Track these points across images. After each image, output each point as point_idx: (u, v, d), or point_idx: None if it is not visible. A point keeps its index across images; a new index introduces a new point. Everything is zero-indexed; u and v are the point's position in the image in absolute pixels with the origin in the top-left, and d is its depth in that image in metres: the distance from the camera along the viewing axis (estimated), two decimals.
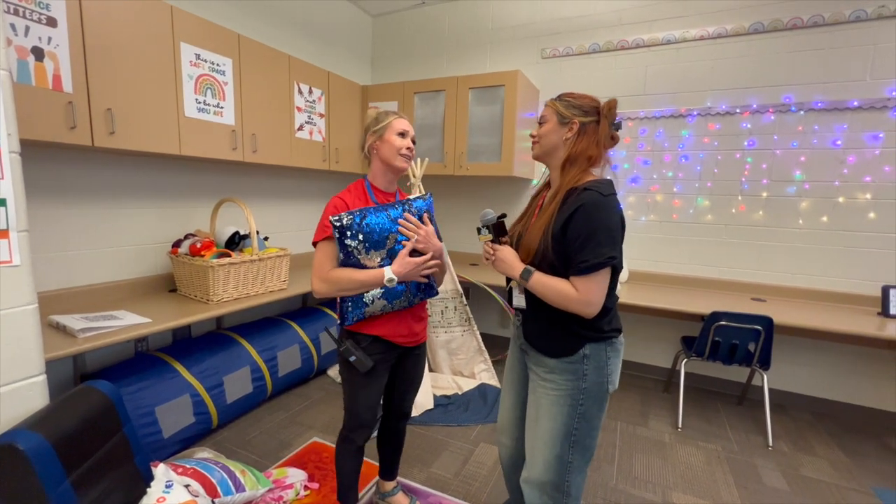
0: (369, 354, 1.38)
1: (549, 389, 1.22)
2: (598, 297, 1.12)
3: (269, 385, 2.48)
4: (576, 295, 1.11)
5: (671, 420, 2.54)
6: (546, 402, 1.23)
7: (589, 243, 1.09)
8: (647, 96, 2.96)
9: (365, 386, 1.42)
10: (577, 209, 1.11)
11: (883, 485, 2.03)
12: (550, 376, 1.22)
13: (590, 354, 1.18)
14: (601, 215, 1.10)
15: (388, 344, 1.41)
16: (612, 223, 1.11)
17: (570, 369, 1.19)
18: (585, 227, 1.09)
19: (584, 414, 1.20)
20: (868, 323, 2.25)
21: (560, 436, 1.22)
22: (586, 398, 1.20)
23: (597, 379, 1.19)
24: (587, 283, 1.10)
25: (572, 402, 1.20)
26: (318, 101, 2.92)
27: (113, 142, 1.79)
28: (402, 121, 1.41)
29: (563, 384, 1.20)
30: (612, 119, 1.20)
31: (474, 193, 3.62)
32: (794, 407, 2.76)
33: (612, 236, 1.11)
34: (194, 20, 2.07)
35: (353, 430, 1.47)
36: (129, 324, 1.75)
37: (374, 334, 1.39)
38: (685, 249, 2.97)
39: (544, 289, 1.16)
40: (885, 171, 2.45)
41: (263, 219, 3.00)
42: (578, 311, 1.13)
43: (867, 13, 2.40)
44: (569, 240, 1.12)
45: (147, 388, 1.88)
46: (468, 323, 2.86)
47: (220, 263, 2.08)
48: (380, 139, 1.39)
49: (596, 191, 1.12)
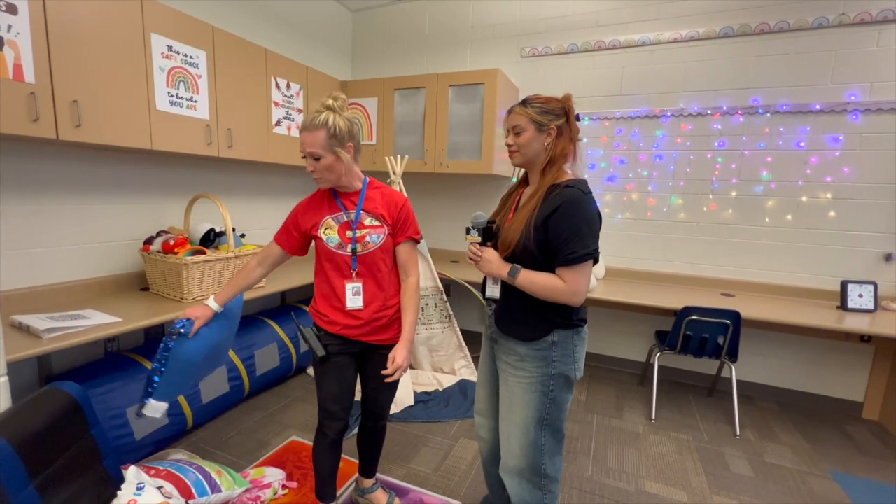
0: (326, 344, 1.42)
1: (521, 378, 1.28)
2: (584, 287, 1.18)
3: (246, 384, 2.45)
4: (564, 286, 1.17)
5: (645, 412, 2.62)
6: (518, 390, 1.29)
7: (575, 236, 1.15)
8: (623, 97, 3.03)
9: (326, 375, 1.45)
10: (561, 205, 1.17)
11: (841, 469, 2.14)
12: (521, 364, 1.28)
13: (558, 342, 1.24)
14: (584, 211, 1.17)
15: (346, 339, 1.44)
16: (593, 218, 1.19)
17: (540, 356, 1.25)
18: (571, 222, 1.16)
19: (554, 399, 1.27)
20: (828, 316, 2.36)
21: (533, 421, 1.28)
22: (555, 384, 1.26)
23: (564, 366, 1.25)
24: (575, 275, 1.17)
25: (543, 388, 1.26)
26: (297, 97, 2.88)
27: (79, 135, 1.73)
28: (302, 134, 1.32)
29: (534, 371, 1.26)
30: (574, 113, 1.26)
31: (455, 191, 3.64)
32: (761, 397, 2.88)
33: (593, 230, 1.18)
34: (166, 10, 2.01)
35: (323, 420, 1.49)
36: (98, 323, 1.69)
37: (332, 332, 1.44)
38: (659, 246, 3.06)
39: (532, 284, 1.21)
40: (845, 171, 2.58)
41: (240, 215, 2.95)
42: (566, 301, 1.19)
43: (829, 20, 2.51)
44: (552, 234, 1.17)
45: (117, 390, 1.83)
46: (448, 320, 2.88)
47: (194, 261, 2.03)
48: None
49: (577, 188, 1.20)
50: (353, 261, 1.39)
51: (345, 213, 1.41)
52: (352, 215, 1.40)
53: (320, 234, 1.40)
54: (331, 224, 1.40)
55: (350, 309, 1.41)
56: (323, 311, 1.44)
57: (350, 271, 1.40)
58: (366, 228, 1.40)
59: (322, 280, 1.45)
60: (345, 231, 1.39)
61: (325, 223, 1.39)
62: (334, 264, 1.41)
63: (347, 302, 1.40)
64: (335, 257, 1.40)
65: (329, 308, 1.44)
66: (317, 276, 1.48)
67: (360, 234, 1.39)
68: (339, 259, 1.40)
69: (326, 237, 1.39)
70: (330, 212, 1.40)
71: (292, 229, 1.45)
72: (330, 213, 1.40)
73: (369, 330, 1.44)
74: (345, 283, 1.40)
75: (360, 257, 1.40)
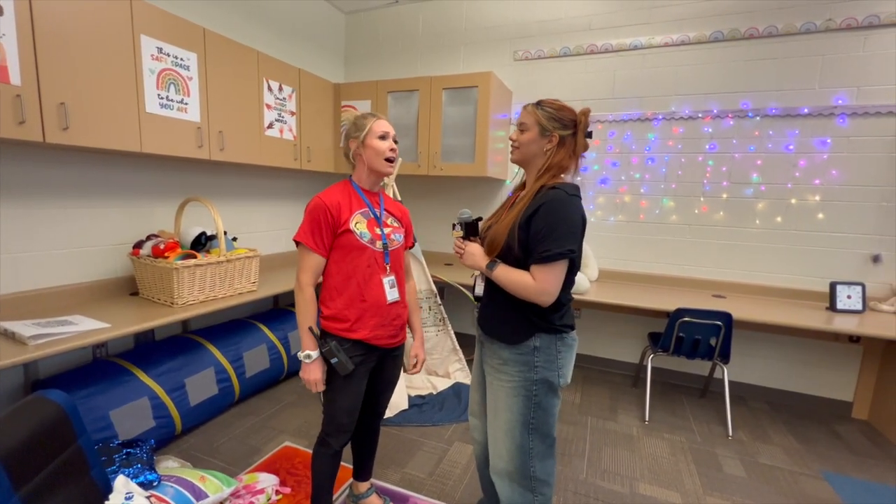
0: (350, 357, 1.36)
1: (504, 382, 1.28)
2: (553, 287, 1.17)
3: (236, 387, 2.42)
4: (533, 284, 1.17)
5: (639, 414, 2.63)
6: (502, 394, 1.29)
7: (550, 235, 1.15)
8: (615, 100, 3.05)
9: (344, 389, 1.41)
10: (542, 205, 1.17)
11: (832, 469, 2.16)
12: (504, 368, 1.28)
13: (540, 346, 1.24)
14: (564, 211, 1.17)
15: (371, 347, 1.41)
16: (574, 219, 1.18)
17: (522, 360, 1.25)
18: (548, 220, 1.16)
19: (539, 403, 1.26)
20: (817, 317, 2.39)
21: (518, 425, 1.27)
22: (539, 389, 1.25)
23: (548, 372, 1.24)
24: (545, 273, 1.16)
25: (527, 392, 1.25)
26: (289, 99, 2.86)
27: (67, 138, 1.70)
28: (382, 122, 1.40)
29: (517, 375, 1.26)
30: (586, 130, 1.26)
31: (449, 193, 3.63)
32: (753, 398, 2.91)
33: (572, 231, 1.17)
34: (156, 12, 1.99)
35: (331, 434, 1.46)
36: (85, 329, 1.66)
37: (357, 338, 1.38)
38: (651, 248, 3.08)
39: (506, 280, 1.22)
40: (833, 174, 2.62)
41: (232, 219, 2.92)
42: (535, 299, 1.18)
43: (816, 25, 2.55)
44: (531, 232, 1.18)
45: (100, 393, 1.80)
46: (443, 323, 2.87)
47: (184, 265, 2.01)
48: (362, 145, 1.39)
49: (562, 190, 1.19)
50: (386, 255, 1.41)
51: (371, 209, 1.42)
52: (377, 212, 1.43)
53: (352, 227, 1.35)
54: (360, 219, 1.38)
55: (391, 302, 1.41)
56: (347, 317, 1.36)
57: (385, 265, 1.41)
58: (389, 227, 1.45)
59: (345, 280, 1.36)
60: (373, 227, 1.40)
61: (355, 218, 1.37)
62: (367, 259, 1.37)
63: (387, 295, 1.40)
64: (367, 252, 1.37)
65: (356, 311, 1.36)
66: (335, 279, 1.37)
67: (387, 230, 1.43)
68: (371, 254, 1.38)
69: (359, 231, 1.36)
70: (358, 207, 1.40)
71: (325, 229, 1.33)
72: (359, 208, 1.40)
73: (399, 327, 1.47)
74: (381, 276, 1.40)
75: (391, 252, 1.43)
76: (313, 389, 1.38)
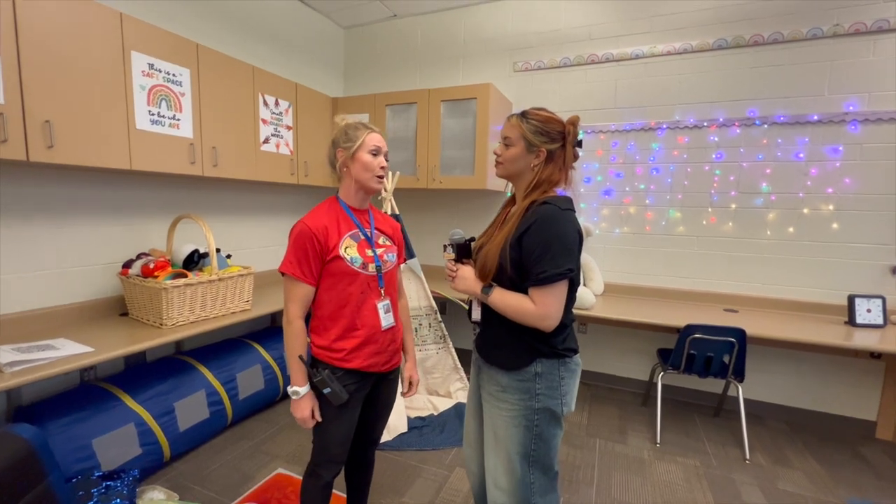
0: (344, 385, 1.27)
1: (503, 410, 1.19)
2: (555, 310, 1.09)
3: (228, 410, 2.33)
4: (533, 308, 1.09)
5: (649, 435, 2.50)
6: (501, 423, 1.20)
7: (546, 254, 1.07)
8: (617, 109, 2.99)
9: (337, 419, 1.32)
10: (535, 222, 1.10)
11: (857, 496, 2.02)
12: (503, 395, 1.19)
13: (542, 373, 1.15)
14: (557, 227, 1.09)
15: (366, 374, 1.33)
16: (568, 236, 1.10)
17: (522, 388, 1.16)
18: (541, 239, 1.08)
19: (540, 434, 1.17)
20: (836, 332, 2.27)
21: (518, 457, 1.18)
22: (540, 419, 1.16)
23: (550, 400, 1.15)
24: (545, 296, 1.08)
25: (527, 422, 1.16)
26: (286, 114, 2.83)
27: (52, 156, 1.66)
28: (375, 136, 1.32)
29: (517, 404, 1.17)
30: (575, 140, 1.18)
31: (448, 207, 3.57)
32: (770, 417, 2.77)
33: (568, 248, 1.09)
34: (147, 28, 1.96)
35: (322, 465, 1.36)
36: (67, 354, 1.59)
37: (351, 367, 1.29)
38: (658, 261, 2.98)
39: (504, 305, 1.14)
40: (846, 183, 2.52)
41: (227, 235, 2.87)
42: (536, 324, 1.10)
43: (823, 31, 2.48)
44: (525, 252, 1.10)
45: (83, 421, 1.72)
46: (443, 340, 2.77)
47: (174, 285, 1.94)
48: (351, 158, 1.31)
49: (554, 205, 1.12)
50: (379, 279, 1.33)
51: (361, 230, 1.34)
52: (368, 232, 1.35)
53: (342, 253, 1.26)
54: (350, 243, 1.30)
55: (386, 328, 1.34)
56: (341, 347, 1.28)
57: (378, 289, 1.33)
58: (381, 247, 1.37)
59: (338, 310, 1.28)
60: (364, 249, 1.32)
61: (345, 242, 1.29)
62: (359, 286, 1.28)
63: (382, 321, 1.32)
64: (359, 278, 1.28)
65: (350, 341, 1.28)
66: (325, 309, 1.29)
67: (379, 252, 1.35)
68: (364, 279, 1.30)
69: (350, 257, 1.28)
70: (347, 229, 1.32)
71: (312, 257, 1.24)
72: (347, 230, 1.31)
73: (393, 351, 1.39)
74: (376, 302, 1.32)
75: (384, 275, 1.35)
76: (304, 426, 1.29)
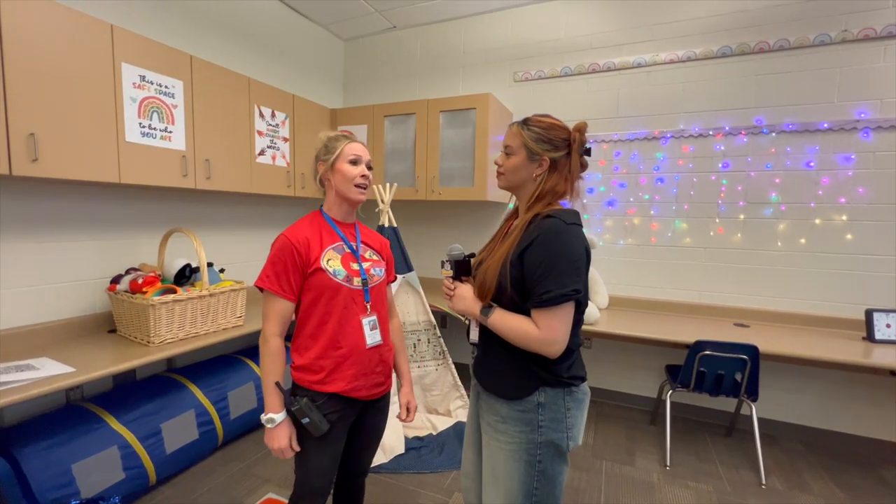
0: (325, 414, 1.19)
1: (503, 443, 1.09)
2: (562, 335, 1.00)
3: (219, 430, 2.24)
4: (537, 333, 1.00)
5: (659, 457, 2.39)
6: (501, 457, 1.10)
7: (550, 273, 0.98)
8: (620, 119, 2.93)
9: (318, 450, 1.23)
10: (537, 237, 1.01)
11: None
12: (503, 427, 1.09)
13: (545, 403, 1.05)
14: (562, 243, 1.00)
15: (349, 400, 1.24)
16: (575, 252, 1.01)
17: (524, 419, 1.06)
18: (545, 256, 0.99)
19: (543, 471, 1.07)
20: (854, 349, 2.16)
21: (520, 494, 1.08)
22: (543, 454, 1.06)
23: (554, 433, 1.05)
24: (550, 319, 0.99)
25: (529, 457, 1.06)
26: (282, 125, 2.79)
27: (36, 170, 1.61)
28: (354, 145, 1.27)
29: (517, 436, 1.07)
30: (582, 148, 1.10)
31: (448, 219, 3.50)
32: (785, 437, 2.64)
33: (574, 266, 1.00)
34: (138, 40, 1.93)
35: (303, 498, 1.28)
36: (46, 375, 1.52)
37: (333, 391, 1.20)
38: (665, 273, 2.88)
39: (504, 327, 1.05)
40: (860, 192, 2.43)
41: (221, 249, 2.81)
42: (541, 350, 1.01)
43: (831, 37, 2.42)
44: (527, 270, 1.02)
45: (63, 444, 1.64)
46: (443, 356, 2.69)
47: (161, 301, 1.88)
48: (331, 169, 1.26)
49: (558, 218, 1.03)
50: (366, 293, 1.26)
51: (346, 243, 1.28)
52: (353, 245, 1.29)
53: (323, 265, 1.20)
54: (333, 255, 1.23)
55: (372, 345, 1.25)
56: (321, 368, 1.20)
57: (364, 304, 1.25)
58: (368, 261, 1.30)
59: (320, 326, 1.21)
60: (349, 262, 1.25)
61: (327, 255, 1.22)
62: (343, 300, 1.21)
63: (367, 338, 1.24)
64: (343, 291, 1.21)
65: (331, 360, 1.20)
66: (307, 327, 1.22)
67: (365, 265, 1.28)
68: (347, 293, 1.22)
69: (332, 269, 1.21)
70: (330, 241, 1.25)
71: (292, 271, 1.18)
72: (331, 242, 1.25)
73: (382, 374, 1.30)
74: (361, 317, 1.24)
75: (371, 290, 1.27)
76: (282, 457, 1.19)
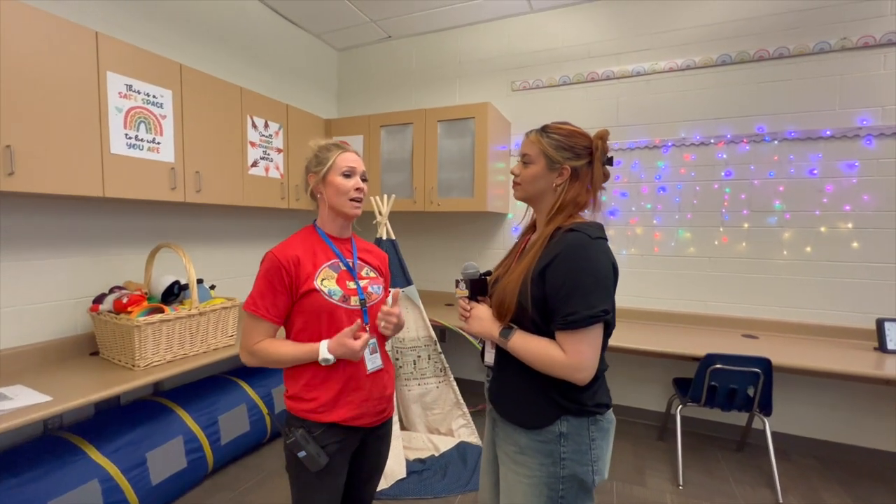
0: (324, 446, 1.09)
1: (522, 476, 1.00)
2: (591, 360, 0.92)
3: (209, 457, 2.11)
4: (562, 357, 0.91)
5: (670, 475, 2.30)
6: (519, 490, 1.01)
7: (576, 292, 0.90)
8: (620, 127, 2.89)
9: (317, 486, 1.13)
10: (560, 253, 0.94)
11: None
12: (521, 458, 1.00)
13: (567, 433, 0.96)
14: (587, 259, 0.93)
15: (350, 429, 1.14)
16: (602, 269, 0.94)
17: (545, 451, 0.97)
18: (570, 273, 0.92)
19: None
20: (866, 359, 2.11)
21: None
22: (566, 489, 0.97)
23: (578, 466, 0.97)
24: (577, 343, 0.91)
25: (550, 492, 0.97)
26: (276, 136, 2.71)
27: (12, 184, 1.51)
28: (347, 155, 1.18)
29: (537, 470, 0.98)
30: (604, 156, 1.04)
31: (447, 230, 3.43)
32: (798, 451, 2.57)
33: (602, 284, 0.93)
34: (125, 48, 1.85)
35: None
36: (20, 406, 1.41)
37: (332, 421, 1.11)
38: (669, 284, 2.83)
39: (526, 351, 0.96)
40: (864, 199, 2.40)
41: (212, 265, 2.70)
42: (567, 376, 0.92)
43: (831, 45, 2.41)
44: (550, 289, 0.94)
45: (36, 480, 1.51)
46: (444, 374, 2.58)
47: (147, 322, 1.77)
48: (322, 181, 1.17)
49: (583, 232, 0.96)
50: (364, 314, 1.16)
51: (342, 260, 1.18)
52: (350, 262, 1.20)
53: (317, 285, 1.11)
54: (329, 274, 1.14)
55: (372, 370, 1.16)
56: (316, 397, 1.11)
57: (363, 326, 1.15)
58: (365, 279, 1.21)
59: None
60: (345, 281, 1.16)
61: (322, 273, 1.13)
62: (339, 322, 1.12)
63: (367, 363, 1.15)
64: (338, 313, 1.12)
65: (328, 389, 1.11)
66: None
67: (362, 283, 1.19)
68: (344, 314, 1.13)
69: (327, 289, 1.12)
70: (325, 259, 1.16)
71: (280, 292, 1.10)
72: (325, 260, 1.16)
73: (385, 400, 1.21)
74: None
75: (370, 309, 1.18)
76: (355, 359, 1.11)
